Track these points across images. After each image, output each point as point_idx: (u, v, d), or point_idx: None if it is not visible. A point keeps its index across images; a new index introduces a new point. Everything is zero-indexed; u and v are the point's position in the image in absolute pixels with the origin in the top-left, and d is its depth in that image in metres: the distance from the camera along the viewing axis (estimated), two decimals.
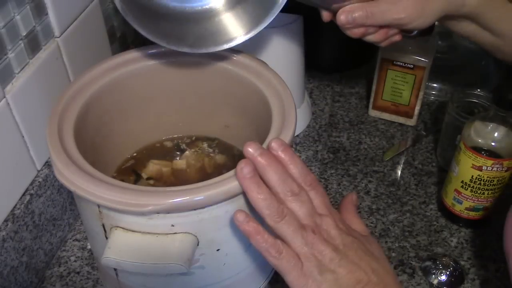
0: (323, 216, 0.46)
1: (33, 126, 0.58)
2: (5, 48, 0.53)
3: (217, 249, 0.50)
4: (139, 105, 0.63)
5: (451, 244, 0.65)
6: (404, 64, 0.77)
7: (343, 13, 0.53)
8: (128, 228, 0.47)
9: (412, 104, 0.80)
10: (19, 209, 0.57)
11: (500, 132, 0.59)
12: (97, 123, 0.58)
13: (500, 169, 0.60)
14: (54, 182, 0.62)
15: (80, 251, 0.65)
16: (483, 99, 0.71)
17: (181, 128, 0.68)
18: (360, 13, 0.53)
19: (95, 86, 0.57)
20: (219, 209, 0.47)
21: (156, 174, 0.64)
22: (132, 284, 0.54)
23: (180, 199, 0.45)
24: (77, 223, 0.68)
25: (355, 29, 0.54)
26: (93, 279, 0.62)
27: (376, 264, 0.46)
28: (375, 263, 0.46)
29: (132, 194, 0.45)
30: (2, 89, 0.53)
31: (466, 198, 0.64)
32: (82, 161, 0.49)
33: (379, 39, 0.56)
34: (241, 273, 0.55)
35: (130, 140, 0.65)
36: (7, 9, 0.52)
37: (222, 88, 0.62)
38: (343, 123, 0.83)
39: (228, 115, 0.65)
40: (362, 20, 0.53)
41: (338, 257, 0.44)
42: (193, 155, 0.66)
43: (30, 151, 0.59)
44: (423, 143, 0.80)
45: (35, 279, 0.61)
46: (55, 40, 0.61)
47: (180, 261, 0.46)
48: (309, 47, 0.76)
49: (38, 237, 0.60)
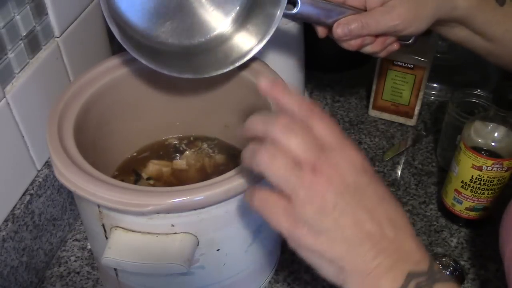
0: (328, 148, 0.37)
1: (33, 126, 0.58)
2: (5, 48, 0.53)
3: (217, 249, 0.50)
4: (139, 105, 0.63)
5: (451, 244, 0.65)
6: (404, 64, 0.77)
7: (338, 26, 0.54)
8: (128, 228, 0.47)
9: (412, 104, 0.80)
10: (19, 209, 0.57)
11: (500, 132, 0.59)
12: (97, 123, 0.58)
13: (500, 169, 0.60)
14: (54, 182, 0.62)
15: (80, 251, 0.65)
16: (483, 99, 0.71)
17: (181, 128, 0.68)
18: (355, 24, 0.54)
19: (95, 86, 0.57)
20: (219, 209, 0.47)
21: (156, 174, 0.64)
22: (132, 284, 0.54)
23: (180, 199, 0.45)
24: (77, 223, 0.68)
25: (352, 41, 0.55)
26: (93, 279, 0.62)
27: (395, 214, 0.38)
28: (394, 213, 0.38)
29: (132, 194, 0.45)
30: (2, 89, 0.53)
31: (466, 198, 0.64)
32: (82, 161, 0.49)
33: (377, 49, 0.57)
34: (241, 273, 0.55)
35: (130, 140, 0.65)
36: (7, 9, 0.52)
37: (222, 88, 0.62)
38: (343, 123, 0.83)
39: (228, 115, 0.65)
40: (358, 31, 0.54)
41: (344, 201, 0.36)
42: (193, 155, 0.66)
43: (30, 151, 0.59)
44: (423, 143, 0.80)
45: (35, 279, 0.61)
46: (55, 40, 0.61)
47: (180, 261, 0.46)
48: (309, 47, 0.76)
49: (38, 237, 0.60)
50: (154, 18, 0.56)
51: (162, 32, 0.57)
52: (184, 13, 0.57)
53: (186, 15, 0.57)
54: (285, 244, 0.64)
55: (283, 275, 0.62)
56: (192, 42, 0.58)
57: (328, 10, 0.55)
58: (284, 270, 0.62)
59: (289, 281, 0.61)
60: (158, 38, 0.57)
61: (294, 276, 0.62)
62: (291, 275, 0.62)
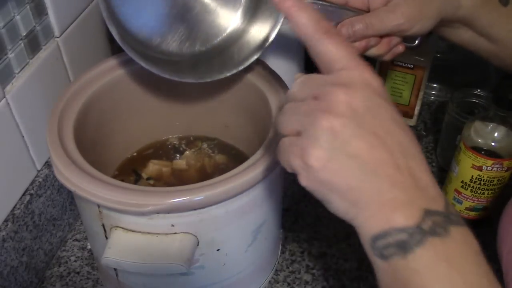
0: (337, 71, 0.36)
1: (33, 126, 0.58)
2: (5, 48, 0.53)
3: (217, 249, 0.50)
4: (139, 105, 0.63)
5: None
6: (404, 64, 0.77)
7: (342, 27, 0.54)
8: (128, 228, 0.47)
9: (412, 104, 0.80)
10: (19, 209, 0.57)
11: (500, 132, 0.59)
12: (97, 123, 0.58)
13: (500, 169, 0.60)
14: (54, 182, 0.62)
15: (80, 251, 0.65)
16: (483, 99, 0.71)
17: (181, 128, 0.68)
18: (359, 24, 0.53)
19: (95, 86, 0.57)
20: (219, 209, 0.47)
21: (156, 174, 0.64)
22: (132, 284, 0.54)
23: (180, 199, 0.45)
24: (77, 223, 0.68)
25: (357, 42, 0.55)
26: (93, 279, 0.62)
27: (409, 145, 0.35)
28: (408, 143, 0.35)
29: (132, 194, 0.45)
30: (2, 89, 0.53)
31: (466, 198, 0.64)
32: (82, 161, 0.49)
33: (382, 51, 0.57)
34: (241, 273, 0.55)
35: (130, 140, 0.65)
36: (7, 9, 0.52)
37: (222, 88, 0.62)
38: None
39: (228, 115, 0.65)
40: (363, 31, 0.54)
41: (354, 122, 0.34)
42: (193, 155, 0.66)
43: (30, 151, 0.59)
44: (423, 143, 0.80)
45: (35, 279, 0.61)
46: (55, 40, 0.61)
47: (180, 261, 0.46)
48: None
49: (38, 237, 0.60)
50: (157, 28, 0.56)
51: (164, 41, 0.56)
52: (187, 21, 0.56)
53: (190, 24, 0.57)
54: (285, 244, 0.65)
55: (283, 275, 0.62)
56: (196, 49, 0.57)
57: (331, 12, 0.55)
58: (284, 270, 0.63)
59: (289, 281, 0.61)
60: (159, 48, 0.56)
61: (294, 276, 0.62)
62: (291, 275, 0.62)
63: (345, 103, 0.34)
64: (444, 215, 0.34)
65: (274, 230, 0.58)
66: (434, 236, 0.33)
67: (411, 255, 0.33)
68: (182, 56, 0.57)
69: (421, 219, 0.33)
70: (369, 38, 0.55)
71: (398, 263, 0.34)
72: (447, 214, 0.34)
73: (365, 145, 0.34)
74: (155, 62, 0.53)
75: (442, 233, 0.33)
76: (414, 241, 0.33)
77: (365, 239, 0.35)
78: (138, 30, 0.55)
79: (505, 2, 0.57)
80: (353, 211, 0.35)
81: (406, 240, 0.33)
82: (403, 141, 0.35)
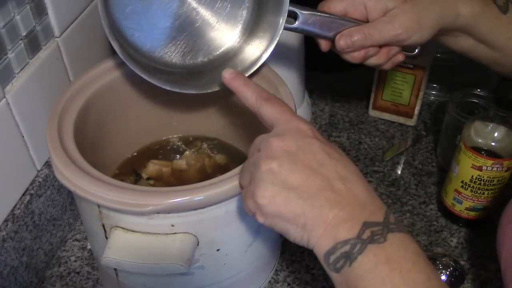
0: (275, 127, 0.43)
1: (33, 126, 0.58)
2: (5, 48, 0.53)
3: (217, 249, 0.50)
4: (139, 105, 0.63)
5: (451, 244, 0.65)
6: (404, 64, 0.77)
7: (341, 38, 0.54)
8: (128, 228, 0.47)
9: (412, 104, 0.80)
10: (19, 209, 0.57)
11: (500, 132, 0.59)
12: (97, 123, 0.58)
13: (500, 169, 0.60)
14: (54, 182, 0.62)
15: (80, 251, 0.65)
16: (483, 99, 0.71)
17: (181, 128, 0.68)
18: (358, 35, 0.54)
19: (95, 86, 0.57)
20: (219, 209, 0.47)
21: (156, 174, 0.64)
22: (132, 284, 0.54)
23: (180, 199, 0.45)
24: (77, 223, 0.68)
25: (355, 52, 0.55)
26: (93, 279, 0.62)
27: (343, 168, 0.40)
28: (341, 167, 0.40)
29: (132, 194, 0.45)
30: (2, 89, 0.53)
31: (466, 198, 0.64)
32: (82, 161, 0.49)
33: (381, 61, 0.57)
34: (241, 273, 0.55)
35: (130, 140, 0.65)
36: (7, 9, 0.52)
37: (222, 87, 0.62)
38: (343, 123, 0.83)
39: (228, 115, 0.65)
40: (361, 42, 0.54)
41: (289, 161, 0.40)
42: (193, 155, 0.66)
43: (30, 151, 0.59)
44: (423, 143, 0.80)
45: (35, 279, 0.61)
46: (55, 40, 0.61)
47: (180, 261, 0.46)
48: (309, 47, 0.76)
49: (38, 237, 0.60)
50: (159, 41, 0.56)
51: (165, 53, 0.57)
52: (189, 34, 0.57)
53: (192, 36, 0.57)
54: (285, 244, 0.65)
55: (283, 275, 0.62)
56: (199, 61, 0.58)
57: (330, 23, 0.55)
58: (284, 270, 0.63)
59: (289, 281, 0.61)
60: (162, 60, 0.56)
61: (294, 276, 0.62)
62: (291, 275, 0.62)
63: (279, 148, 0.40)
64: (383, 225, 0.39)
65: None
66: (373, 243, 0.38)
67: (355, 263, 0.38)
68: (184, 68, 0.57)
69: (361, 230, 0.38)
70: (368, 48, 0.55)
71: (347, 272, 0.38)
72: (386, 224, 0.39)
73: (301, 177, 0.39)
74: (157, 74, 0.54)
75: (381, 240, 0.38)
76: (357, 250, 0.38)
77: (320, 257, 0.39)
78: (140, 43, 0.55)
79: (504, 9, 0.57)
80: (306, 235, 0.40)
81: (350, 250, 0.38)
82: (337, 168, 0.40)
